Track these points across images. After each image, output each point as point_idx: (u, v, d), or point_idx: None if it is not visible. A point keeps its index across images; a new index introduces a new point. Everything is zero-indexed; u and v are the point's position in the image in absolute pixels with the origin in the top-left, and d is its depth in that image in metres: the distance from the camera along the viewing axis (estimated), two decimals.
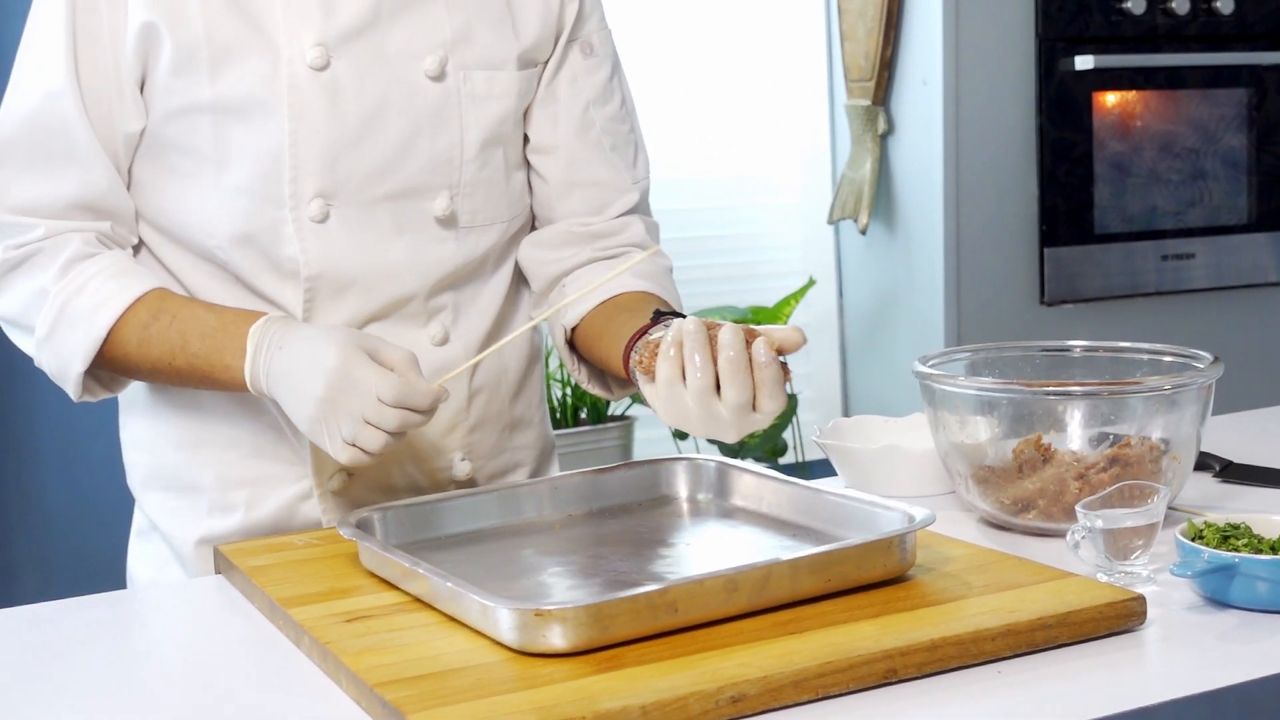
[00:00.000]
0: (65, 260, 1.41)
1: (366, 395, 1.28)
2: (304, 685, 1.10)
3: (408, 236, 1.48)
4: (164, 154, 1.45)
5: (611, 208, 1.58)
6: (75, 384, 1.43)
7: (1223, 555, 1.15)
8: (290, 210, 1.43)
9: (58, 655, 1.19)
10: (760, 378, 1.20)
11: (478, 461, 1.56)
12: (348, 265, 1.45)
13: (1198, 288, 3.70)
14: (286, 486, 1.50)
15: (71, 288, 1.41)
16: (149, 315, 1.40)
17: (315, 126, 1.42)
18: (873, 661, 1.02)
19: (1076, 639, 1.10)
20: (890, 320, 3.68)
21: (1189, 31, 3.61)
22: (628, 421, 3.62)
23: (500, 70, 1.50)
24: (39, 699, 1.10)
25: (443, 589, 1.14)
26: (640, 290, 1.50)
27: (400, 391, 1.28)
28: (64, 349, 1.42)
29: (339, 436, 1.30)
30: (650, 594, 1.07)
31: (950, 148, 3.43)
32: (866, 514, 1.27)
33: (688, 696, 0.97)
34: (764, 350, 1.20)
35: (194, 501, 1.52)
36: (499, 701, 0.97)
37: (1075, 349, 1.55)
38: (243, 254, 1.45)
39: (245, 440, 1.49)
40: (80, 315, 1.40)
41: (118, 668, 1.16)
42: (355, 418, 1.29)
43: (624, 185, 1.58)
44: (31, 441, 3.25)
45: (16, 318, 1.45)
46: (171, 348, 1.40)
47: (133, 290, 1.41)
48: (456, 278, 1.51)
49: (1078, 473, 1.36)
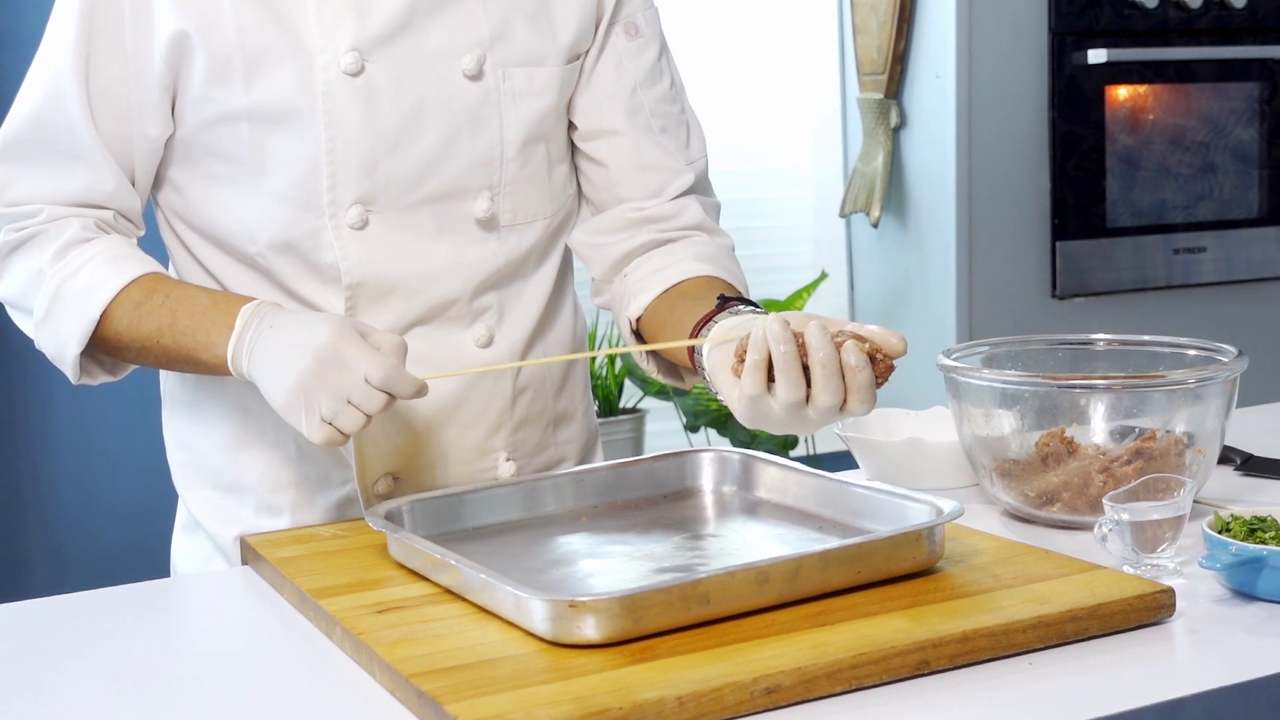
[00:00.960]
0: (63, 243, 1.41)
1: (354, 374, 1.27)
2: (336, 676, 1.10)
3: (448, 239, 1.47)
4: (203, 160, 1.44)
5: (667, 190, 1.54)
6: (72, 365, 1.43)
7: (1250, 548, 1.16)
8: (329, 218, 1.43)
9: (84, 646, 1.19)
10: (852, 383, 1.16)
11: (521, 460, 1.54)
12: (389, 271, 1.45)
13: (1208, 281, 3.70)
14: (333, 490, 1.50)
15: (67, 270, 1.41)
16: (141, 295, 1.40)
17: (352, 133, 1.41)
18: (905, 653, 1.03)
19: (1106, 631, 1.10)
20: (902, 313, 3.68)
21: (1200, 25, 3.61)
22: (639, 414, 3.63)
23: (540, 66, 1.48)
24: (63, 690, 1.10)
25: (475, 580, 1.15)
26: (703, 275, 1.47)
27: (388, 375, 1.27)
28: (60, 330, 1.42)
29: (317, 414, 1.28)
30: (684, 585, 1.08)
31: (962, 141, 3.43)
32: (894, 506, 1.28)
33: (723, 687, 0.98)
34: (855, 353, 1.16)
35: (240, 501, 1.52)
36: (536, 692, 0.98)
37: (1098, 342, 1.56)
38: (284, 260, 1.44)
39: (290, 442, 1.49)
40: (75, 296, 1.40)
41: (148, 660, 1.17)
42: (339, 396, 1.27)
43: (677, 167, 1.55)
44: (44, 436, 3.25)
45: (17, 299, 1.46)
46: (160, 326, 1.38)
47: (128, 272, 1.41)
48: (499, 278, 1.50)
49: (1102, 466, 1.37)
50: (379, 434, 1.46)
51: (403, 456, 1.49)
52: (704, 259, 1.49)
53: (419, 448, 1.48)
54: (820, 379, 1.16)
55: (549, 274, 1.55)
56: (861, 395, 1.17)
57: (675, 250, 1.51)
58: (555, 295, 1.57)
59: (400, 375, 1.28)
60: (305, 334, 1.30)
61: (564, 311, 1.59)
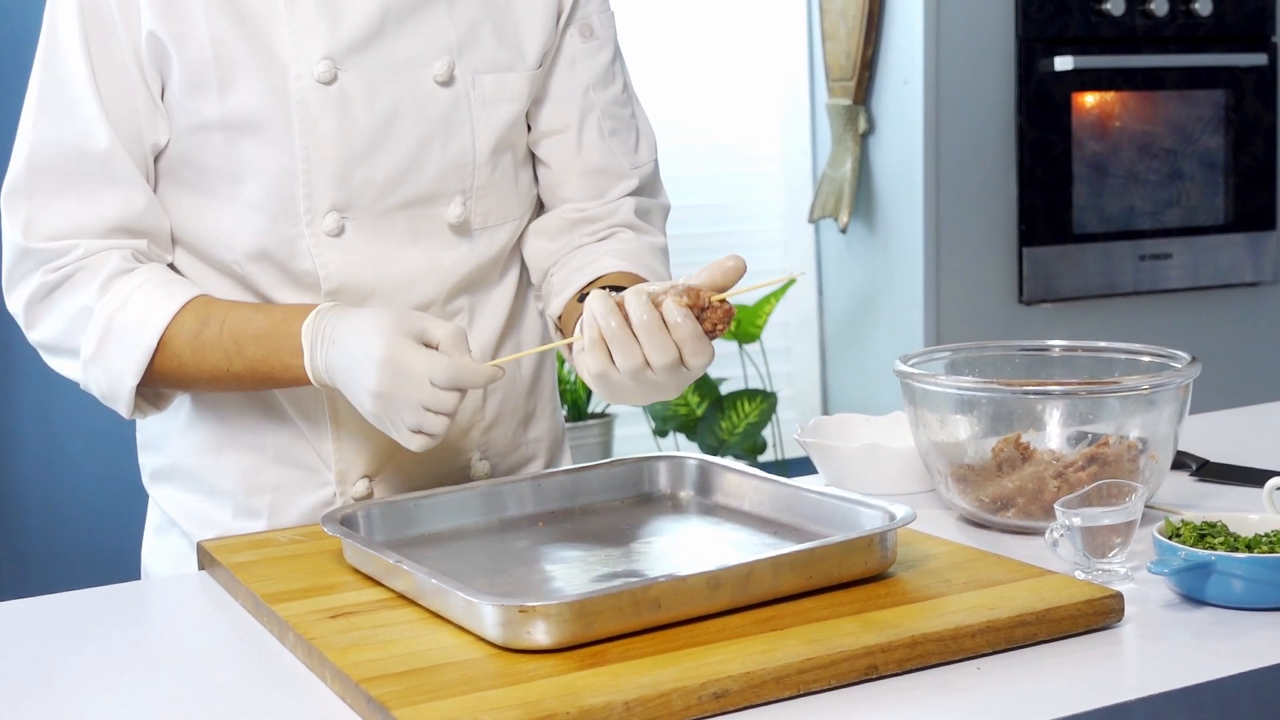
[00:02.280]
0: (106, 276, 1.39)
1: (419, 382, 1.27)
2: (288, 682, 1.10)
3: (422, 244, 1.47)
4: (179, 170, 1.44)
5: (610, 193, 1.56)
6: (127, 400, 1.41)
7: (1199, 553, 1.16)
8: (306, 225, 1.43)
9: (37, 652, 1.19)
10: (679, 338, 1.19)
11: (494, 459, 1.56)
12: (366, 276, 1.45)
13: (1175, 288, 3.73)
14: (311, 492, 1.50)
15: (115, 302, 1.39)
16: (197, 323, 1.39)
17: (326, 141, 1.41)
18: (854, 658, 1.03)
19: (1055, 636, 1.11)
20: (870, 319, 3.70)
21: (1168, 33, 3.64)
22: (608, 419, 3.63)
23: (509, 72, 1.49)
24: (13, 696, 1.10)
25: (427, 585, 1.15)
26: (617, 271, 1.48)
27: (453, 374, 1.28)
28: (113, 365, 1.40)
29: (403, 426, 1.30)
30: (634, 590, 1.08)
31: (930, 147, 3.45)
32: (848, 512, 1.28)
33: (670, 692, 0.98)
34: (673, 309, 1.18)
35: (220, 504, 1.52)
36: (484, 697, 0.98)
37: (1054, 349, 1.57)
38: (260, 269, 1.44)
39: (268, 446, 1.50)
40: (128, 328, 1.39)
41: (98, 665, 1.16)
42: (414, 405, 1.28)
43: (623, 171, 1.56)
44: (10, 437, 3.24)
45: (59, 341, 1.43)
46: (226, 353, 1.39)
47: (178, 297, 1.40)
48: (471, 281, 1.51)
49: (1056, 471, 1.37)
50: (356, 437, 1.48)
51: (379, 459, 1.50)
52: (623, 256, 1.50)
53: (395, 450, 1.49)
54: (646, 342, 1.19)
55: (515, 277, 1.57)
56: (691, 348, 1.19)
57: (596, 249, 1.52)
58: (520, 296, 1.58)
59: (465, 368, 1.28)
60: (361, 348, 1.31)
61: (529, 312, 1.60)
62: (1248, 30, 3.73)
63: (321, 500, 1.50)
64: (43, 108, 1.41)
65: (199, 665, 1.17)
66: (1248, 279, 3.81)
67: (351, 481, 1.49)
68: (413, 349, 1.29)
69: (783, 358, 3.88)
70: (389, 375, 1.28)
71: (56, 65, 1.41)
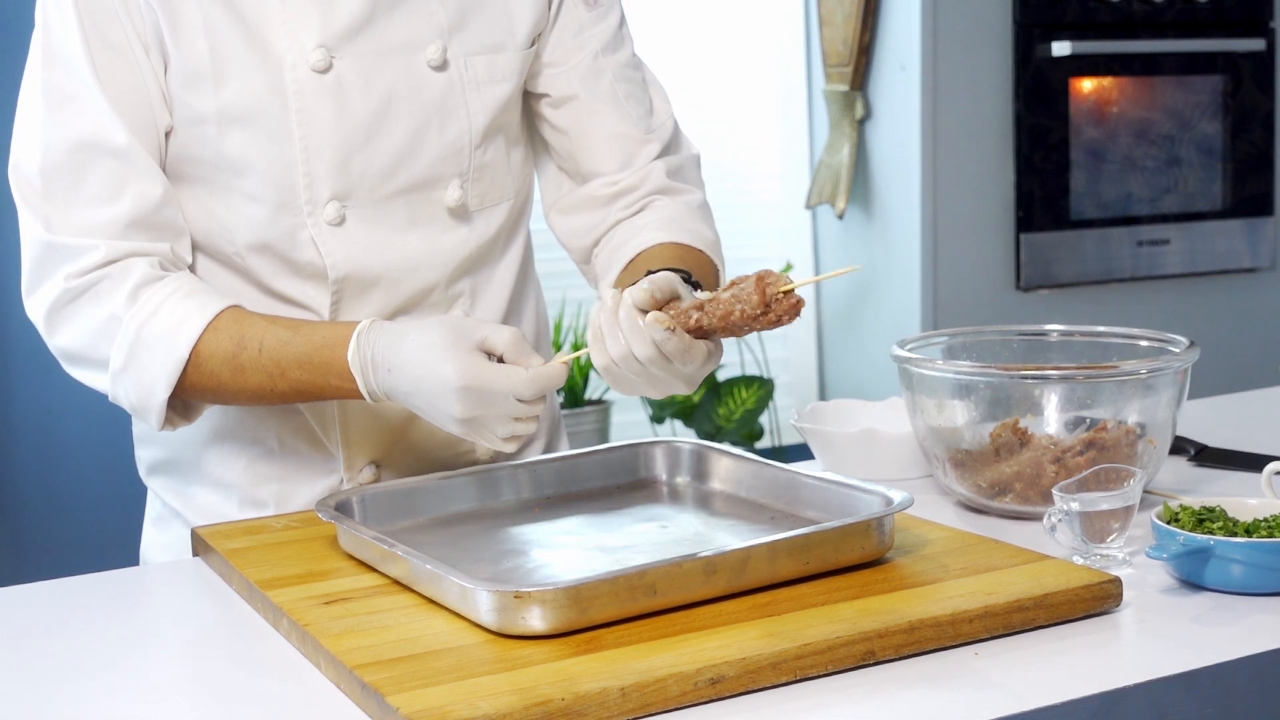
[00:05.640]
0: (134, 285, 1.37)
1: (504, 400, 1.29)
2: (282, 668, 1.10)
3: (422, 229, 1.47)
4: (178, 162, 1.43)
5: (635, 159, 1.55)
6: (159, 412, 1.39)
7: (1198, 538, 1.16)
8: (308, 215, 1.42)
9: (30, 638, 1.19)
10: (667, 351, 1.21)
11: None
12: (370, 264, 1.44)
13: (1172, 273, 3.73)
14: (316, 481, 1.50)
15: (145, 312, 1.37)
16: (233, 345, 1.37)
17: (324, 130, 1.40)
18: (851, 643, 1.03)
19: (1053, 621, 1.10)
20: (867, 305, 3.69)
21: (1165, 18, 3.63)
22: (604, 405, 3.62)
23: (500, 53, 1.48)
24: (5, 681, 1.09)
25: (422, 571, 1.14)
26: (660, 242, 1.48)
27: (536, 386, 1.29)
28: (144, 376, 1.37)
29: (496, 439, 1.31)
30: (629, 576, 1.07)
31: (927, 133, 3.44)
32: (845, 497, 1.27)
33: (667, 678, 0.97)
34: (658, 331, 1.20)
35: (225, 495, 1.51)
36: (479, 683, 0.98)
37: (1052, 333, 1.56)
38: (262, 260, 1.44)
39: (273, 436, 1.49)
40: (158, 338, 1.36)
41: (92, 650, 1.16)
42: (503, 419, 1.30)
43: (642, 135, 1.55)
44: (6, 426, 3.23)
45: (84, 351, 1.40)
46: (269, 375, 1.37)
47: (209, 308, 1.38)
48: (471, 263, 1.51)
49: (1054, 456, 1.37)
50: (363, 424, 1.47)
51: (385, 445, 1.49)
52: (662, 225, 1.50)
53: (400, 435, 1.49)
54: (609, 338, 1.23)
55: (515, 257, 1.57)
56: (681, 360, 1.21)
57: (635, 222, 1.52)
58: (521, 277, 1.58)
59: (544, 377, 1.30)
60: (433, 377, 1.30)
61: (529, 292, 1.61)
62: (1245, 15, 3.72)
63: (328, 488, 1.50)
64: (49, 106, 1.39)
65: (192, 651, 1.16)
66: (1245, 265, 3.81)
67: (359, 468, 1.49)
68: (486, 368, 1.29)
69: (780, 344, 3.88)
70: (473, 401, 1.29)
71: (57, 61, 1.39)
